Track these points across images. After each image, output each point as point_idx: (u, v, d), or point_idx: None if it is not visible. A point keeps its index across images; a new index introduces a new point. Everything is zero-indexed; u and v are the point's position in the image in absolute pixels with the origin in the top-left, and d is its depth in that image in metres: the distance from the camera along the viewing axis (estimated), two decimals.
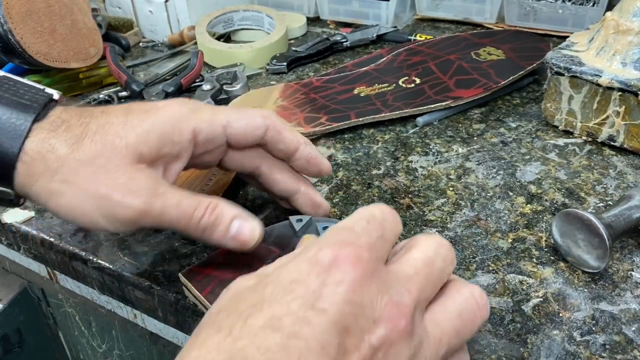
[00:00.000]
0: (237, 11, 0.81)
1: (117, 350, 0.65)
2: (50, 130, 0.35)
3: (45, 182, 0.34)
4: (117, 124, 0.36)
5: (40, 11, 0.62)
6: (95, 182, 0.34)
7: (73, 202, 0.34)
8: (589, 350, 0.35)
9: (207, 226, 0.35)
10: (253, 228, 0.36)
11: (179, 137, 0.36)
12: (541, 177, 0.50)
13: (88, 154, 0.34)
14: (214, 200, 0.36)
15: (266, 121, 0.39)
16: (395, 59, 0.67)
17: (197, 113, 0.37)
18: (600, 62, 0.51)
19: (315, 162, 0.41)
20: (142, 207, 0.34)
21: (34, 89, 0.37)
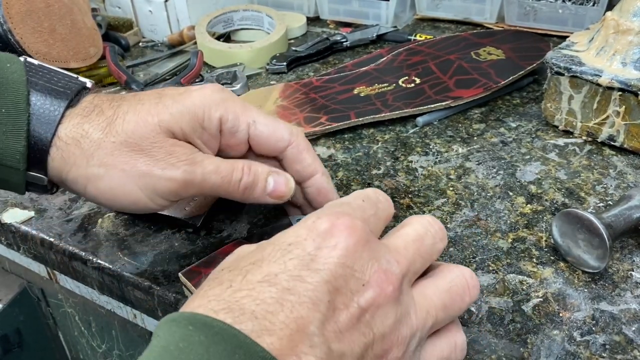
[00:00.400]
0: (237, 11, 0.81)
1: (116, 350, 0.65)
2: (83, 116, 0.36)
3: (82, 167, 0.35)
4: (150, 104, 0.36)
5: (40, 11, 0.62)
6: (133, 161, 0.35)
7: (113, 184, 0.35)
8: (589, 350, 0.35)
9: (247, 186, 0.37)
10: (287, 180, 0.38)
11: (208, 123, 0.37)
12: (541, 177, 0.50)
13: (122, 135, 0.35)
14: (245, 160, 0.38)
15: (292, 137, 0.39)
16: (395, 59, 0.67)
17: (227, 102, 0.38)
18: (600, 62, 0.51)
19: (326, 195, 0.40)
20: (184, 177, 0.35)
21: (67, 76, 0.38)
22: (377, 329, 0.26)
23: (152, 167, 0.35)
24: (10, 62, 0.36)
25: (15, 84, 0.35)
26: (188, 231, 0.46)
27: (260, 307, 0.24)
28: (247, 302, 0.24)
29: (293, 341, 0.24)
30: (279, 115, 0.59)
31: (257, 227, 0.46)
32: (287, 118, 0.58)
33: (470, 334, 0.36)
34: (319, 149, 0.56)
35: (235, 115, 0.38)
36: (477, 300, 0.38)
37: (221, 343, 0.23)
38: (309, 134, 0.57)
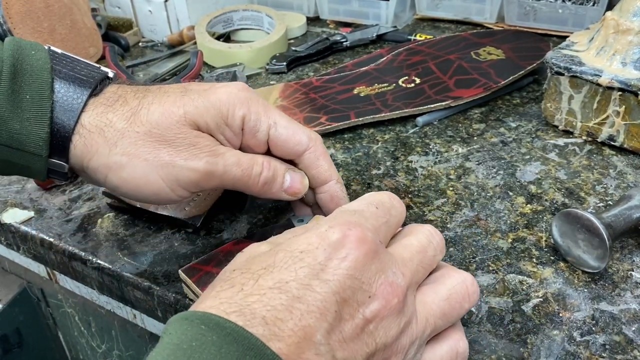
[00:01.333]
0: (237, 11, 0.81)
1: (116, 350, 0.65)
2: (107, 105, 0.36)
3: (105, 156, 0.35)
4: (175, 96, 0.37)
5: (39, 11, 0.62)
6: (157, 151, 0.35)
7: (136, 174, 0.35)
8: (589, 350, 0.35)
9: (267, 181, 0.37)
10: (302, 177, 0.39)
11: (231, 120, 0.37)
12: (541, 177, 0.50)
13: (146, 125, 0.35)
14: (264, 156, 0.38)
15: (310, 142, 0.39)
16: (395, 59, 0.67)
17: (251, 102, 0.38)
18: (600, 61, 0.51)
19: (338, 202, 0.41)
20: (206, 168, 0.35)
21: (90, 66, 0.38)
22: (380, 340, 0.27)
23: (175, 157, 0.35)
24: (35, 49, 0.37)
25: (39, 71, 0.36)
26: (188, 231, 0.46)
27: (270, 313, 0.25)
28: (258, 307, 0.25)
29: (300, 348, 0.24)
30: None
31: (257, 227, 0.46)
32: None
33: (470, 334, 0.36)
34: None
35: (258, 116, 0.38)
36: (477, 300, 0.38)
37: (233, 344, 0.23)
38: None
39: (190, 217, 0.45)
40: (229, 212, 0.48)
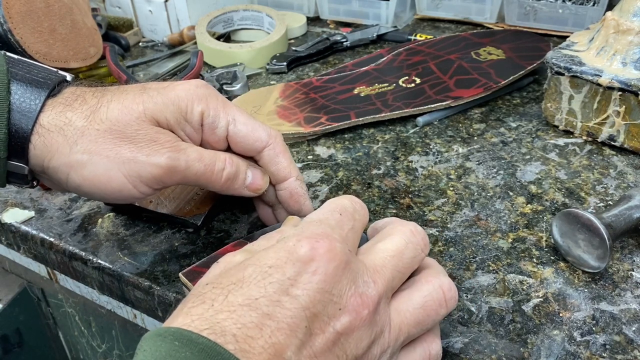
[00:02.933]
0: (237, 11, 0.81)
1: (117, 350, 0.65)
2: (66, 105, 0.36)
3: (65, 155, 0.35)
4: (134, 93, 0.37)
5: (40, 11, 0.62)
6: (118, 147, 0.35)
7: (98, 171, 0.35)
8: (589, 350, 0.35)
9: (230, 177, 0.38)
10: (263, 173, 0.39)
11: (190, 116, 0.37)
12: (541, 177, 0.50)
13: (106, 123, 0.35)
14: (226, 152, 0.38)
15: (270, 139, 0.40)
16: (396, 59, 0.67)
17: (210, 98, 0.38)
18: (600, 61, 0.51)
19: (298, 199, 0.41)
20: (168, 164, 0.35)
21: (47, 69, 0.38)
22: (351, 351, 0.27)
23: (136, 153, 0.35)
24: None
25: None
26: (188, 231, 0.46)
27: (241, 331, 0.25)
28: (228, 325, 0.25)
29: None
30: (279, 115, 0.59)
31: (257, 227, 0.46)
32: (287, 118, 0.58)
33: (470, 334, 0.36)
34: (319, 149, 0.56)
35: (216, 112, 0.38)
36: (477, 300, 0.38)
37: (206, 359, 0.23)
38: (309, 133, 0.57)
39: (190, 216, 0.45)
40: (229, 212, 0.48)
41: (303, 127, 0.57)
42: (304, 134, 0.57)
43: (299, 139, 0.57)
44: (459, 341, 0.36)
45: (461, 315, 0.37)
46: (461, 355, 0.35)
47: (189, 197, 0.47)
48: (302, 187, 0.41)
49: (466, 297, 0.39)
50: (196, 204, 0.46)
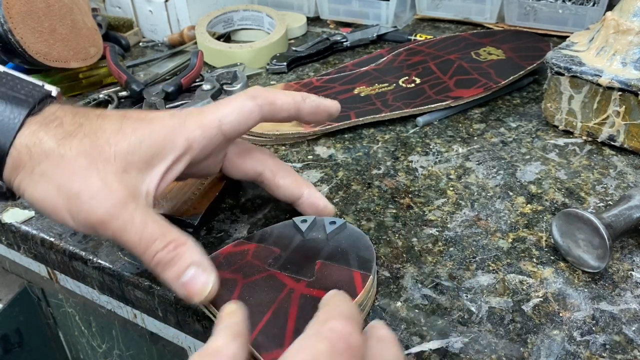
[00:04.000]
0: (237, 11, 0.81)
1: (117, 350, 0.65)
2: (42, 124, 0.35)
3: (27, 173, 0.34)
4: (110, 130, 0.35)
5: (40, 11, 0.62)
6: (71, 180, 0.34)
7: (46, 196, 0.34)
8: (589, 350, 0.35)
9: (161, 262, 0.34)
10: (207, 282, 0.34)
11: (170, 149, 0.36)
12: (541, 177, 0.50)
13: (74, 152, 0.34)
14: (181, 237, 0.34)
15: (257, 101, 0.38)
16: (396, 59, 0.67)
17: (187, 122, 0.37)
18: (600, 62, 0.51)
19: (323, 108, 0.41)
20: (103, 216, 0.33)
21: (32, 84, 0.37)
22: None
23: (82, 191, 0.33)
24: None
25: None
26: (188, 231, 0.46)
27: None
28: None
29: None
30: None
31: (257, 227, 0.46)
32: None
33: (470, 334, 0.36)
34: (319, 149, 0.56)
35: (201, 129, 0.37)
36: (477, 300, 0.38)
37: None
38: (309, 133, 0.57)
39: (187, 216, 0.45)
40: (229, 211, 0.48)
41: (303, 126, 0.57)
42: (304, 133, 0.57)
43: (299, 139, 0.57)
44: (459, 341, 0.36)
45: (461, 315, 0.37)
46: (461, 355, 0.35)
47: (185, 197, 0.47)
48: (315, 100, 0.41)
49: (466, 297, 0.39)
50: (193, 203, 0.46)
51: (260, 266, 0.38)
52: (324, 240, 0.40)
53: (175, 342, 0.50)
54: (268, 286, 0.36)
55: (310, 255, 0.39)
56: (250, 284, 0.37)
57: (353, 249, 0.39)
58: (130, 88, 0.65)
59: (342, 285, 0.36)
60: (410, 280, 0.40)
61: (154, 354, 0.60)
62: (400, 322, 0.37)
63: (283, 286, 0.36)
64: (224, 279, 0.37)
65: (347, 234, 0.41)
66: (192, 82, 0.66)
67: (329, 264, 0.38)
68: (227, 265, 0.38)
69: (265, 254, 0.39)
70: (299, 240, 0.40)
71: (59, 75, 0.68)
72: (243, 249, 0.40)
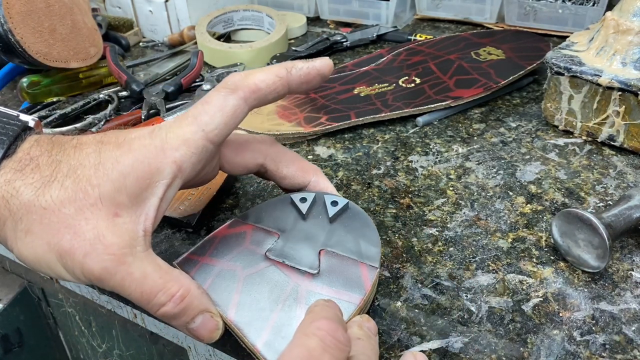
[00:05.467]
0: (237, 11, 0.81)
1: (117, 350, 0.65)
2: (17, 171, 0.31)
3: (11, 229, 0.32)
4: (89, 166, 0.32)
5: (40, 11, 0.62)
6: (59, 234, 0.31)
7: (36, 254, 0.31)
8: (589, 350, 0.35)
9: (165, 315, 0.32)
10: (217, 326, 0.33)
11: (159, 178, 0.33)
12: (541, 177, 0.50)
13: (56, 201, 0.31)
14: (184, 284, 0.32)
15: (238, 93, 0.34)
16: (395, 59, 0.67)
17: (169, 140, 0.33)
18: (600, 61, 0.51)
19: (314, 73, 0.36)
20: (99, 274, 0.31)
21: (6, 117, 0.34)
22: None
23: (76, 248, 0.31)
24: None
25: None
26: (188, 231, 0.46)
27: None
28: None
29: None
30: (279, 115, 0.59)
31: None
32: (287, 118, 0.59)
33: (470, 334, 0.36)
34: (319, 149, 0.56)
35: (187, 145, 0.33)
36: (477, 300, 0.38)
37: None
38: (309, 133, 0.57)
39: (185, 216, 0.45)
40: (229, 211, 0.48)
41: (303, 127, 0.57)
42: (304, 133, 0.57)
43: (299, 139, 0.57)
44: (459, 341, 0.36)
45: (461, 315, 0.37)
46: (461, 355, 0.35)
47: (183, 197, 0.47)
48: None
49: (466, 297, 0.39)
50: (191, 203, 0.46)
51: (260, 254, 0.36)
52: (326, 223, 0.38)
53: (175, 342, 0.50)
54: (271, 282, 0.35)
55: (312, 241, 0.37)
56: (252, 278, 0.35)
57: (357, 234, 0.37)
58: (130, 88, 0.65)
59: (348, 282, 0.35)
60: (410, 280, 0.40)
61: (154, 353, 0.60)
62: (400, 322, 0.37)
63: (286, 282, 0.35)
64: (222, 270, 0.36)
65: (350, 216, 0.39)
66: (192, 82, 0.66)
67: (333, 252, 0.36)
68: (224, 251, 0.36)
69: (264, 238, 0.37)
70: (298, 223, 0.38)
71: (59, 76, 0.68)
72: (240, 230, 0.38)
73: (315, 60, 0.37)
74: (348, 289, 0.35)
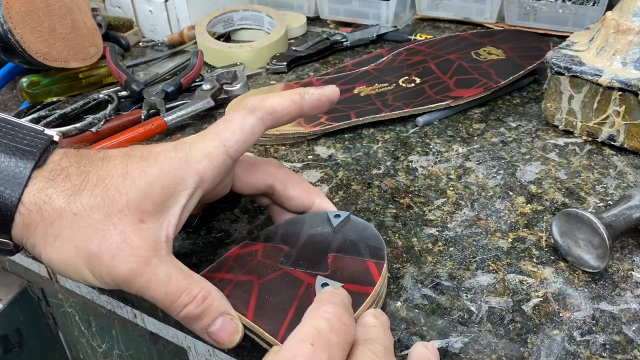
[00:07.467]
0: (237, 11, 0.81)
1: (117, 350, 0.65)
2: (49, 180, 0.33)
3: (40, 234, 0.33)
4: (117, 176, 0.34)
5: (40, 11, 0.62)
6: (88, 239, 0.32)
7: (64, 258, 0.33)
8: (589, 350, 0.35)
9: (189, 315, 0.33)
10: (236, 330, 0.34)
11: (182, 188, 0.35)
12: (541, 176, 0.50)
13: (86, 207, 0.33)
14: (206, 287, 0.34)
15: (257, 114, 0.37)
16: (395, 59, 0.67)
17: (193, 153, 0.35)
18: (600, 61, 0.51)
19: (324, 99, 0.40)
20: (126, 275, 0.32)
21: (33, 131, 0.35)
22: None
23: (103, 251, 0.32)
24: None
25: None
26: (188, 231, 0.46)
27: None
28: None
29: None
30: None
31: (257, 227, 0.46)
32: None
33: (470, 334, 0.36)
34: (319, 149, 0.56)
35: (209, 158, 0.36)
36: (477, 300, 0.38)
37: None
38: (309, 133, 0.57)
39: None
40: (229, 211, 0.48)
41: (303, 126, 0.57)
42: (304, 133, 0.57)
43: (299, 139, 0.57)
44: (459, 341, 0.36)
45: (461, 315, 0.37)
46: (461, 355, 0.35)
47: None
48: (316, 91, 0.40)
49: (466, 297, 0.39)
50: None
51: (273, 265, 0.38)
52: (331, 233, 0.40)
53: (175, 342, 0.50)
54: (285, 284, 0.36)
55: (320, 249, 0.39)
56: (267, 284, 0.36)
57: (362, 239, 0.39)
58: (130, 88, 0.65)
59: (358, 276, 0.36)
60: (410, 280, 0.40)
61: (154, 354, 0.60)
62: (400, 322, 0.37)
63: (300, 282, 0.36)
64: (239, 281, 0.37)
65: (352, 226, 0.41)
66: (192, 82, 0.66)
67: (341, 256, 0.38)
68: (238, 267, 0.38)
69: (275, 252, 0.39)
70: (305, 237, 0.40)
71: (59, 75, 0.68)
72: (251, 249, 0.40)
73: (325, 88, 0.40)
74: (359, 282, 0.36)
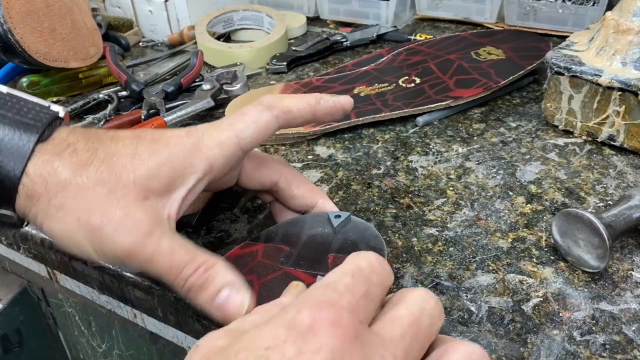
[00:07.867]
0: (237, 11, 0.81)
1: (117, 350, 0.65)
2: (55, 153, 0.33)
3: (43, 205, 0.33)
4: (126, 155, 0.34)
5: (40, 11, 0.62)
6: (90, 211, 0.32)
7: (66, 229, 0.33)
8: (589, 350, 0.35)
9: (192, 286, 0.33)
10: (243, 302, 0.33)
11: (191, 172, 0.35)
12: (541, 176, 0.50)
13: (91, 181, 0.33)
14: (211, 259, 0.33)
15: (273, 111, 0.37)
16: (395, 59, 0.67)
17: (205, 140, 0.36)
18: (600, 61, 0.51)
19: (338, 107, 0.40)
20: (130, 247, 0.32)
21: (38, 106, 0.35)
22: None
23: (105, 224, 0.32)
24: None
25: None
26: (188, 231, 0.46)
27: None
28: None
29: None
30: None
31: (257, 227, 0.46)
32: None
33: (470, 334, 0.36)
34: (319, 149, 0.56)
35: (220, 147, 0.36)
36: (477, 300, 0.38)
37: None
38: (309, 133, 0.57)
39: (185, 216, 0.45)
40: (229, 211, 0.48)
41: (303, 127, 0.57)
42: (304, 133, 0.57)
43: (299, 139, 0.57)
44: None
45: (461, 315, 0.37)
46: None
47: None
48: (330, 99, 0.40)
49: (466, 297, 0.39)
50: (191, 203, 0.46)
51: (273, 265, 0.38)
52: (332, 234, 0.40)
53: (175, 342, 0.50)
54: (286, 284, 0.35)
55: (321, 250, 0.39)
56: (267, 284, 0.36)
57: (362, 239, 0.39)
58: (130, 88, 0.65)
59: None
60: (410, 280, 0.40)
61: (154, 354, 0.60)
62: None
63: (301, 282, 0.36)
64: None
65: (353, 227, 0.40)
66: (192, 82, 0.66)
67: (342, 256, 0.38)
68: (239, 267, 0.38)
69: (275, 252, 0.39)
70: (306, 237, 0.40)
71: (59, 75, 0.68)
72: (252, 250, 0.40)
73: (341, 97, 0.41)
74: None
